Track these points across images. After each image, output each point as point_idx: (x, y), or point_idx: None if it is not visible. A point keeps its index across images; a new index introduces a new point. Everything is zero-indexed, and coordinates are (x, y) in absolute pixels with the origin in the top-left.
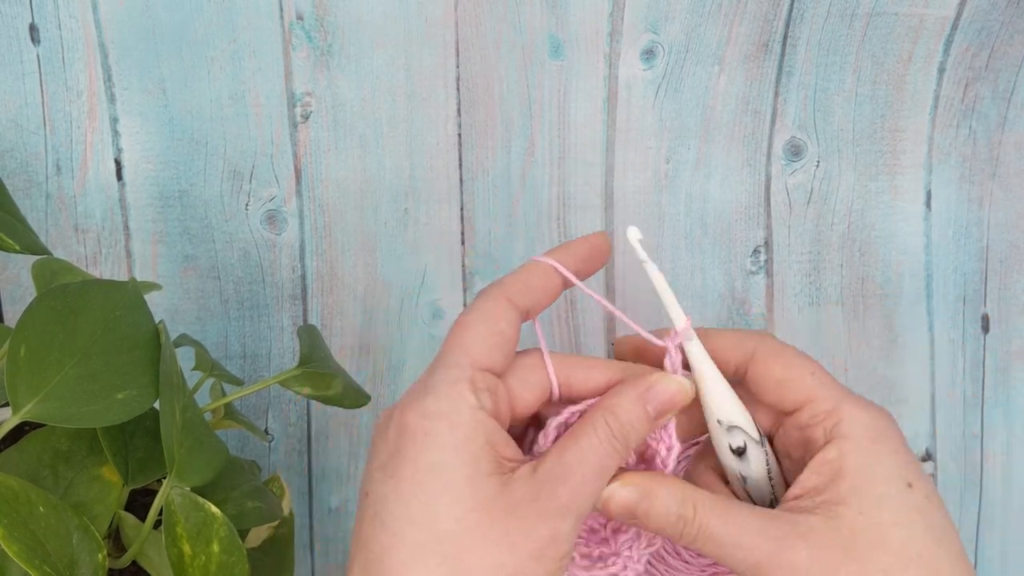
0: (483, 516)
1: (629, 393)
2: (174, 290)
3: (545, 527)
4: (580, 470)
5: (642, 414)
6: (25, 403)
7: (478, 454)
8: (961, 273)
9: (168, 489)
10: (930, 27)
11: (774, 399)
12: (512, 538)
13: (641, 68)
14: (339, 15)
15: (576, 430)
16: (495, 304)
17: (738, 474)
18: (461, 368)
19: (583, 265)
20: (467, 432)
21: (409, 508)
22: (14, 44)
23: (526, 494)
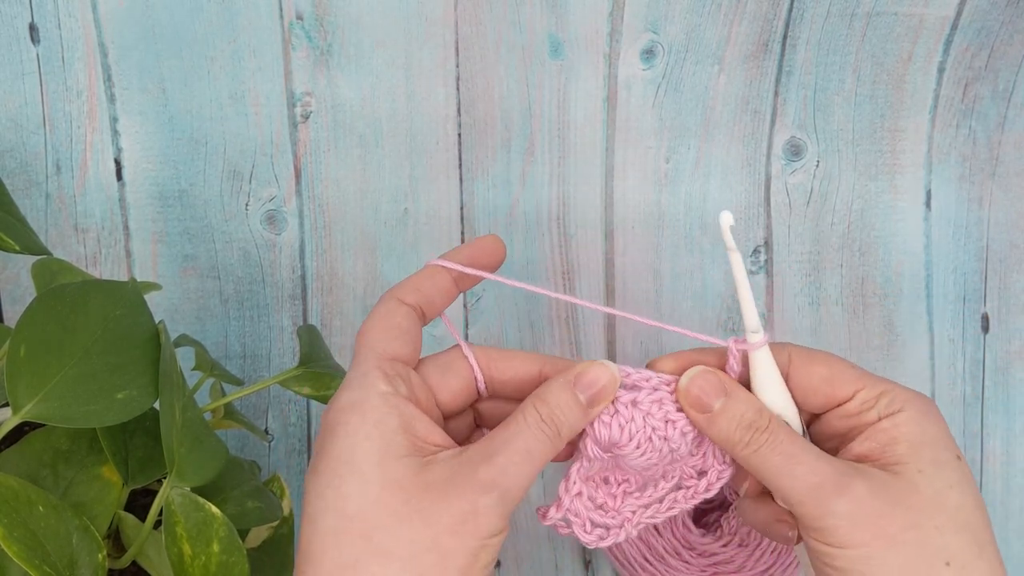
0: (395, 494)
1: (558, 380)
2: (174, 290)
3: (462, 501)
4: (504, 450)
5: (571, 399)
6: (25, 403)
7: (390, 437)
8: (961, 273)
9: (168, 489)
10: (930, 27)
11: (824, 395)
12: (426, 514)
13: (641, 68)
14: (339, 15)
15: (507, 418)
16: (386, 304)
17: None
18: (368, 362)
19: (471, 262)
20: (377, 416)
21: (323, 497)
22: (14, 44)
23: (444, 472)
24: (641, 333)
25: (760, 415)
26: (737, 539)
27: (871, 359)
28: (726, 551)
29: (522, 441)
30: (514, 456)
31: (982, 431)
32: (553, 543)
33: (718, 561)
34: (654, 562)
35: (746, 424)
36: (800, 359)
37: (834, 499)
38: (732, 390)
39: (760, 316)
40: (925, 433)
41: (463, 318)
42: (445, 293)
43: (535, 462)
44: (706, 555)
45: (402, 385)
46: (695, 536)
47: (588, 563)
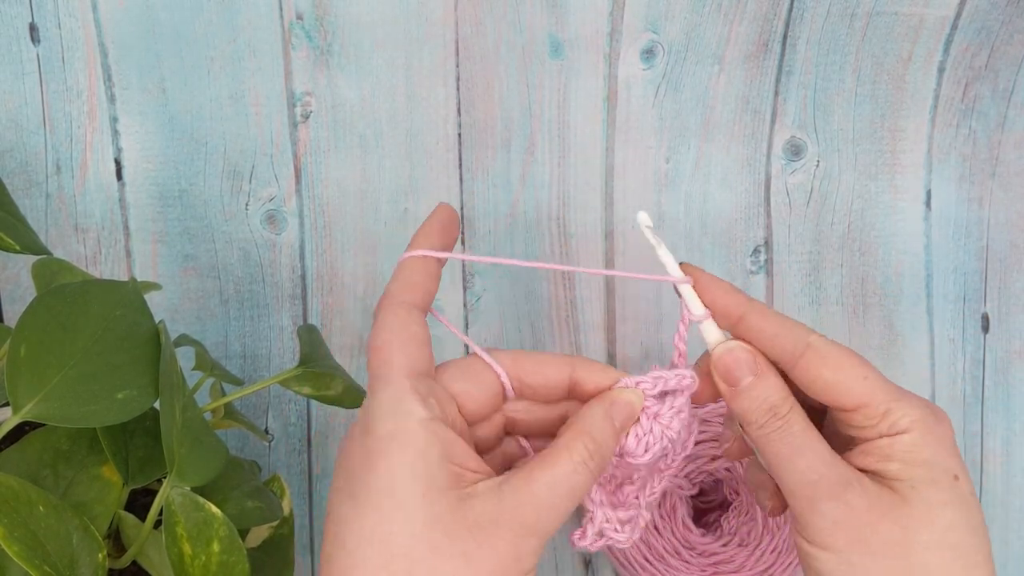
0: (438, 532)
1: (598, 412)
2: (174, 290)
3: (507, 545)
4: (551, 494)
5: (612, 430)
6: (25, 403)
7: (432, 470)
8: (961, 273)
9: (168, 489)
10: (930, 27)
11: (825, 400)
12: (471, 555)
13: (641, 68)
14: (339, 15)
15: (551, 453)
16: (395, 312)
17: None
18: (398, 383)
19: (442, 240)
20: (420, 448)
21: (364, 528)
22: (14, 44)
23: (489, 512)
24: (641, 333)
25: (783, 402)
26: (737, 539)
27: (871, 359)
28: (726, 551)
29: (568, 482)
30: (558, 499)
31: (982, 431)
32: (553, 543)
33: (718, 561)
34: (654, 562)
35: (767, 407)
36: (812, 357)
37: (825, 501)
38: (763, 371)
39: None
40: (921, 453)
41: (463, 318)
42: (435, 281)
43: (576, 499)
44: (706, 555)
45: (436, 406)
46: (695, 536)
47: (588, 563)
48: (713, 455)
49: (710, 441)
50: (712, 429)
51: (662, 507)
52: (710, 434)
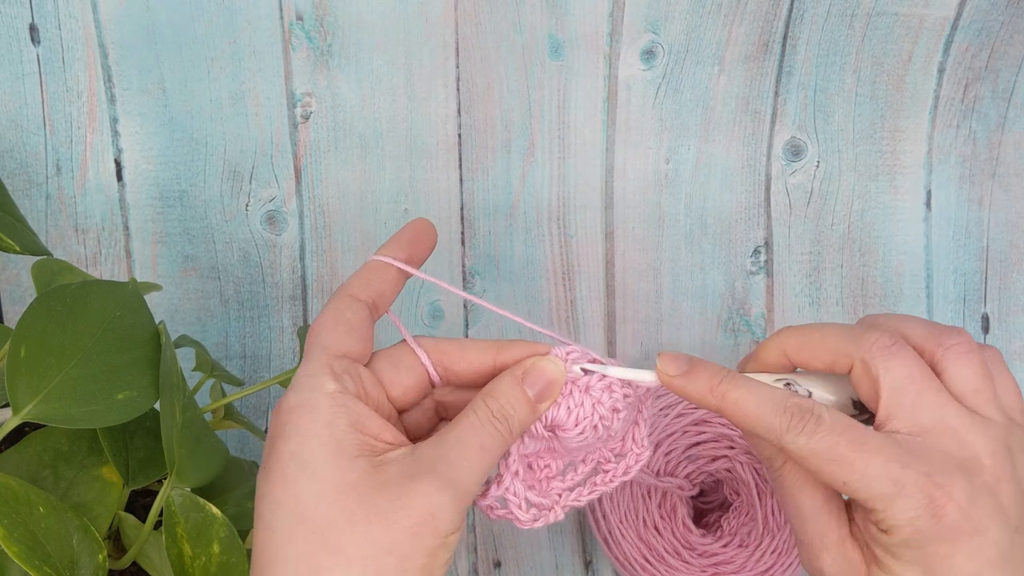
0: (349, 495)
1: (506, 376)
2: (174, 290)
3: (420, 501)
4: (458, 447)
5: (520, 395)
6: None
7: (341, 437)
8: (961, 273)
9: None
10: (930, 27)
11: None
12: (384, 514)
13: (641, 68)
14: (339, 15)
15: (458, 415)
16: (337, 300)
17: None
18: (317, 360)
19: (412, 250)
20: (327, 417)
21: (275, 497)
22: (14, 44)
23: (400, 472)
24: (641, 333)
25: (774, 458)
26: (737, 539)
27: None
28: (726, 551)
29: (475, 437)
30: (467, 452)
31: None
32: (553, 543)
33: (718, 561)
34: (654, 562)
35: (763, 457)
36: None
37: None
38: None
39: (760, 316)
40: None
41: (463, 318)
42: (394, 285)
43: (489, 457)
44: (706, 555)
45: (351, 382)
46: (695, 536)
47: (588, 563)
48: (713, 455)
49: (710, 442)
50: (712, 429)
51: (662, 507)
52: (710, 434)
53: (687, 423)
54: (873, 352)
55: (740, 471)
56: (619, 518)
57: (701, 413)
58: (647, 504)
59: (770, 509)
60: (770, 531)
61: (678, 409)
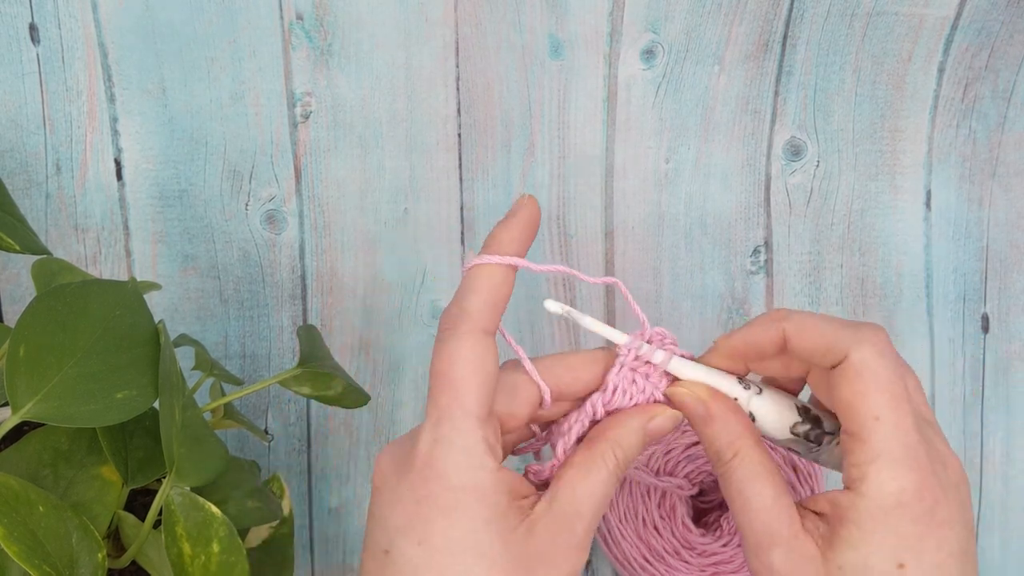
0: (517, 570)
1: (635, 426)
2: (174, 290)
3: (568, 565)
4: (592, 504)
5: (642, 442)
6: (25, 403)
7: (504, 515)
8: (961, 273)
9: (168, 489)
10: (930, 27)
11: (838, 414)
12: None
13: (641, 68)
14: (339, 15)
15: (586, 462)
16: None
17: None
18: (472, 433)
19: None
20: (493, 499)
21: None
22: (14, 44)
23: (548, 535)
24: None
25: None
26: (737, 539)
27: None
28: (726, 551)
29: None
30: (598, 508)
31: (982, 431)
32: None
33: (718, 561)
34: (654, 562)
35: (713, 451)
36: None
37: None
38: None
39: None
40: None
41: None
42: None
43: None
44: (706, 555)
45: (499, 450)
46: (695, 536)
47: (588, 563)
48: None
49: None
50: None
51: (662, 507)
52: None
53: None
54: (874, 342)
55: None
56: (618, 518)
57: None
58: (646, 504)
59: None
60: None
61: None
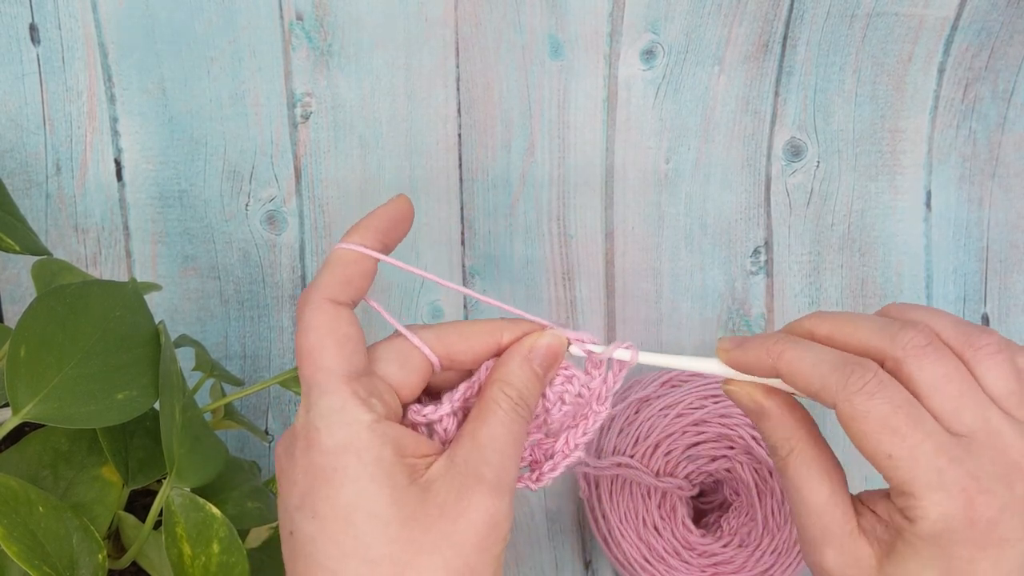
0: (415, 528)
1: (515, 359)
2: (174, 290)
3: (480, 513)
4: (496, 446)
5: (531, 374)
6: (25, 403)
7: (391, 470)
8: (961, 273)
9: (168, 489)
10: (930, 27)
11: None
12: (451, 537)
13: (641, 68)
14: (339, 15)
15: (480, 409)
16: (324, 312)
17: None
18: (338, 391)
19: (387, 237)
20: (374, 452)
21: (340, 544)
22: (14, 44)
23: (451, 489)
24: (640, 332)
25: (783, 444)
26: (737, 539)
27: None
28: (726, 551)
29: (507, 431)
30: (506, 449)
31: None
32: (553, 543)
33: (718, 561)
34: (654, 562)
35: (769, 445)
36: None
37: (807, 551)
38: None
39: (760, 316)
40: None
41: (463, 318)
42: (369, 277)
43: (520, 445)
44: (706, 555)
45: (378, 404)
46: (695, 536)
47: (588, 563)
48: (713, 455)
49: (710, 442)
50: (712, 429)
51: (662, 507)
52: (710, 434)
53: (687, 423)
54: (908, 351)
55: (740, 471)
56: (619, 518)
57: (701, 413)
58: (647, 504)
59: (770, 509)
60: (770, 531)
61: (678, 409)
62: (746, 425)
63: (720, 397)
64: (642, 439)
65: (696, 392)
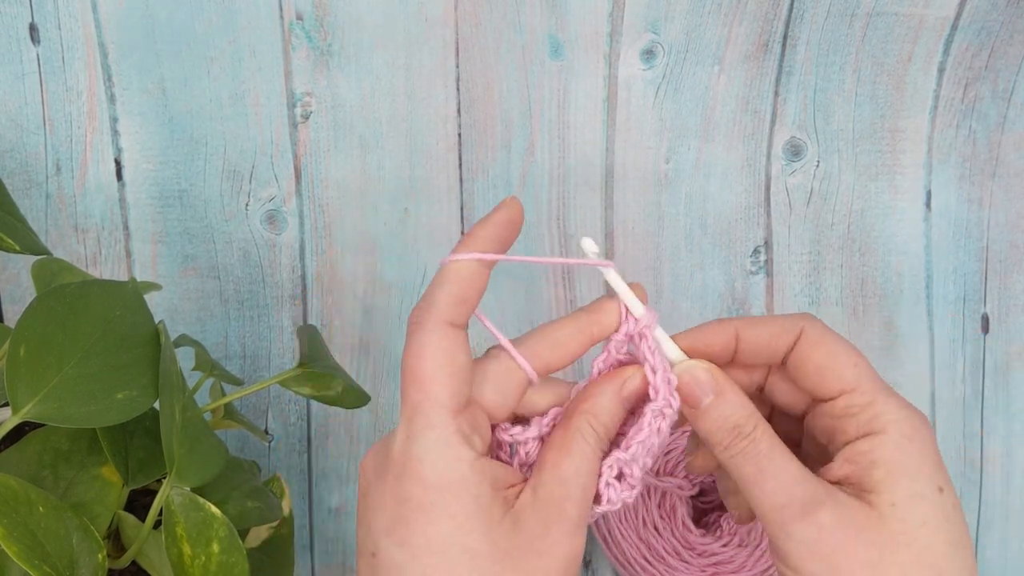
0: (506, 563)
1: (608, 393)
2: (174, 290)
3: (564, 548)
4: (579, 481)
5: (620, 409)
6: (25, 403)
7: (488, 506)
8: (961, 273)
9: (168, 489)
10: (930, 27)
11: (812, 385)
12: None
13: (641, 68)
14: (339, 15)
15: (565, 441)
16: (442, 337)
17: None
18: (443, 425)
19: (503, 244)
20: (474, 492)
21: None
22: (14, 44)
23: (537, 523)
24: None
25: (747, 420)
26: (737, 539)
27: (871, 359)
28: (726, 551)
29: (588, 465)
30: (587, 483)
31: (982, 431)
32: None
33: (718, 561)
34: (654, 562)
35: (730, 427)
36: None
37: (795, 523)
38: (724, 390)
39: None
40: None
41: None
42: (482, 292)
43: (596, 478)
44: (706, 555)
45: (479, 440)
46: (695, 536)
47: (588, 563)
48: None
49: None
50: None
51: (662, 507)
52: None
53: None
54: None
55: None
56: (618, 518)
57: None
58: (647, 504)
59: None
60: None
61: None
62: None
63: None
64: None
65: None
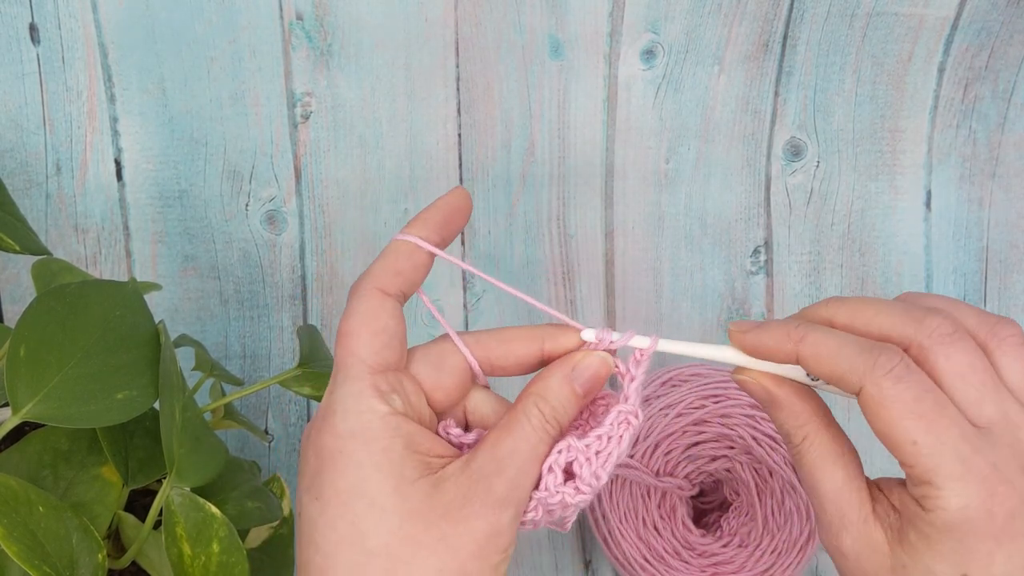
0: (415, 524)
1: (556, 375)
2: (174, 290)
3: (483, 523)
4: (515, 461)
5: (570, 394)
6: (25, 403)
7: (399, 462)
8: (961, 273)
9: (168, 489)
10: (930, 27)
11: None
12: (449, 540)
13: (641, 68)
14: (339, 15)
15: (508, 418)
16: (366, 298)
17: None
18: (360, 378)
19: (445, 231)
20: (383, 443)
21: (337, 529)
22: (14, 44)
23: (459, 492)
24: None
25: (796, 432)
26: (737, 539)
27: None
28: (726, 551)
29: (529, 447)
30: (524, 465)
31: None
32: (553, 544)
33: (718, 561)
34: (654, 562)
35: (783, 433)
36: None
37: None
38: (774, 401)
39: (760, 316)
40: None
41: (463, 318)
42: (423, 272)
43: (539, 463)
44: (706, 555)
45: (398, 400)
46: (695, 536)
47: (588, 563)
48: (713, 455)
49: (710, 442)
50: (712, 429)
51: (662, 507)
52: (710, 434)
53: (687, 423)
54: (934, 339)
55: (740, 471)
56: (619, 518)
57: (701, 413)
58: (647, 504)
59: (769, 509)
60: (770, 531)
61: (678, 409)
62: (746, 425)
63: (720, 397)
64: (642, 439)
65: (696, 392)
